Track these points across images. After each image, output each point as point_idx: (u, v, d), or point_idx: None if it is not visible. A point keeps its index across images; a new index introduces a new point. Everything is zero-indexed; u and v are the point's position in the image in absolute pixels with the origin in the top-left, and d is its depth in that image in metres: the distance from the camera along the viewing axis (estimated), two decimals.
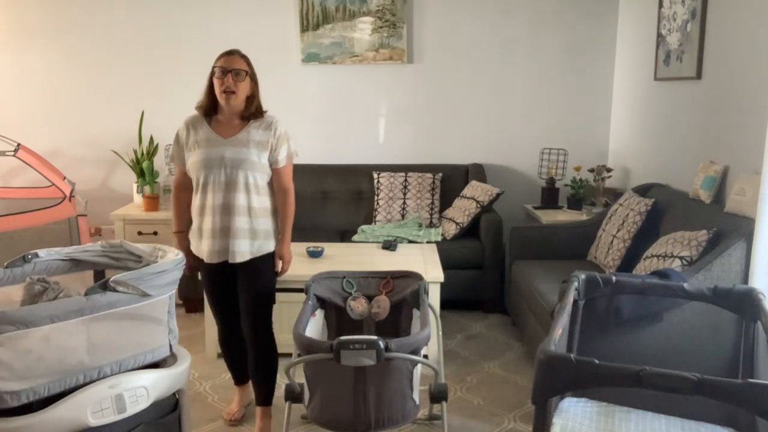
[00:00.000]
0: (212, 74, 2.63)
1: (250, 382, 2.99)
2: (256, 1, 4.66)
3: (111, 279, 1.92)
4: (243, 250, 2.62)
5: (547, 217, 4.27)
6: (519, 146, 4.82)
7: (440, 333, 2.90)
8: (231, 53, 2.62)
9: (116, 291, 1.92)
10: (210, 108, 2.66)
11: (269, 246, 2.69)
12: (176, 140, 2.70)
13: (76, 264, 2.27)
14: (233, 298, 2.77)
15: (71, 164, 4.82)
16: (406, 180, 4.52)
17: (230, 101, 2.57)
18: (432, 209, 4.48)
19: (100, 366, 1.91)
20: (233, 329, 2.84)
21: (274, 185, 2.69)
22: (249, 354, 2.78)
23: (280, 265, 2.76)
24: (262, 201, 2.65)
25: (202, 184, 2.59)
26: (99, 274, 2.32)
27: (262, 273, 2.70)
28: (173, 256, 2.11)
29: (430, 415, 2.90)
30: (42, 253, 2.18)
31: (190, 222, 2.72)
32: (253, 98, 2.64)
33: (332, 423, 2.12)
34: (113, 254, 2.28)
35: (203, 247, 2.64)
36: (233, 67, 2.56)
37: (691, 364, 2.53)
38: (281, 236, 2.73)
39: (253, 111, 2.63)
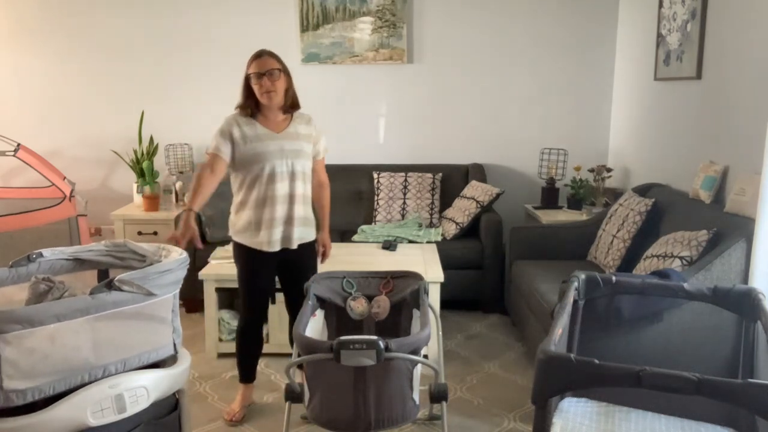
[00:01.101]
0: (247, 79, 2.73)
1: (254, 383, 3.01)
2: (256, 1, 4.66)
3: (116, 278, 1.93)
4: (301, 237, 2.82)
5: (547, 217, 4.27)
6: (519, 146, 4.82)
7: (440, 333, 2.90)
8: (260, 55, 2.72)
9: (121, 290, 1.93)
10: (253, 108, 2.76)
11: (314, 233, 2.92)
12: (221, 134, 2.73)
13: (80, 263, 2.28)
14: (270, 288, 2.91)
15: (71, 164, 4.82)
16: (406, 180, 4.52)
17: (272, 100, 2.71)
18: (432, 209, 4.48)
19: (105, 365, 1.92)
20: (258, 322, 2.91)
21: (314, 176, 2.92)
22: None
23: (321, 251, 2.96)
24: (310, 190, 2.88)
25: (268, 175, 2.71)
26: (103, 274, 2.33)
27: (312, 258, 2.93)
28: (177, 256, 2.12)
29: (430, 415, 2.90)
30: (46, 252, 2.19)
31: (203, 203, 2.76)
32: (289, 90, 2.78)
33: (332, 423, 2.12)
34: (117, 254, 2.29)
35: (262, 238, 2.74)
36: (267, 68, 2.68)
37: (691, 364, 2.53)
38: (322, 224, 2.97)
39: (291, 103, 2.80)
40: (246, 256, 2.80)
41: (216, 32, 4.70)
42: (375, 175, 4.60)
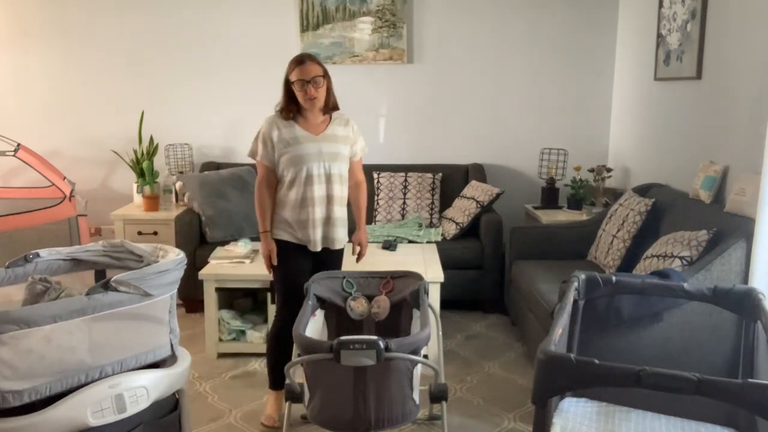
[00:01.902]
0: (287, 83, 2.73)
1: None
2: (256, 1, 4.66)
3: (113, 279, 1.92)
4: (341, 238, 2.87)
5: (547, 217, 4.27)
6: (519, 146, 4.82)
7: (440, 333, 2.90)
8: (302, 61, 2.69)
9: (118, 291, 1.93)
10: (295, 112, 2.77)
11: (347, 234, 2.93)
12: (262, 139, 2.76)
13: (77, 264, 2.28)
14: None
15: (71, 164, 4.82)
16: (406, 180, 4.52)
17: (316, 105, 2.74)
18: (432, 209, 4.48)
19: (102, 366, 1.91)
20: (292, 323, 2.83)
21: (351, 177, 2.92)
22: None
23: (358, 250, 3.00)
24: (346, 192, 2.90)
25: (305, 177, 2.73)
26: (100, 274, 2.32)
27: (341, 259, 2.96)
28: (174, 256, 2.11)
29: (430, 415, 2.90)
30: (43, 252, 2.19)
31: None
32: (330, 92, 2.79)
33: (332, 423, 2.12)
34: (114, 254, 2.28)
35: (304, 237, 2.78)
36: (311, 76, 2.67)
37: (691, 364, 2.52)
38: (359, 223, 3.00)
39: (331, 105, 2.82)
40: (287, 251, 2.80)
41: (216, 32, 4.70)
42: (375, 175, 4.60)
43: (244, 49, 4.71)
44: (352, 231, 3.00)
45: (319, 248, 2.80)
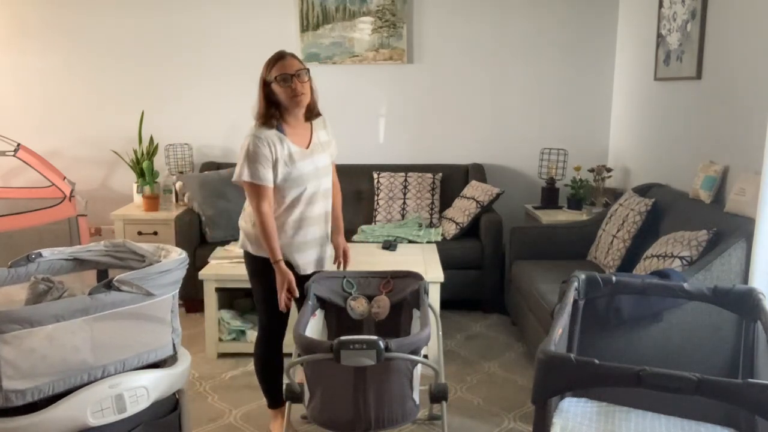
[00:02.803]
0: (266, 84, 2.45)
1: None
2: (256, 1, 4.66)
3: (115, 278, 1.93)
4: (330, 256, 2.71)
5: (547, 217, 4.27)
6: (519, 146, 4.82)
7: (440, 333, 2.90)
8: (283, 57, 2.46)
9: (120, 290, 1.94)
10: (278, 119, 2.47)
11: None
12: (261, 159, 2.41)
13: (79, 263, 2.29)
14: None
15: (71, 164, 4.82)
16: (406, 180, 4.52)
17: (302, 103, 2.47)
18: (432, 209, 4.48)
19: (104, 365, 1.92)
20: (281, 339, 2.70)
21: None
22: None
23: (341, 254, 2.82)
24: None
25: (308, 196, 2.52)
26: (102, 274, 2.33)
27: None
28: (176, 256, 2.12)
29: (430, 415, 2.90)
30: (46, 252, 2.19)
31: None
32: (312, 93, 2.56)
33: (332, 423, 2.12)
34: (116, 254, 2.29)
35: (301, 259, 2.59)
36: (295, 70, 2.42)
37: (691, 364, 2.53)
38: (338, 229, 2.79)
39: (314, 108, 2.58)
40: (272, 271, 2.52)
41: (216, 32, 4.70)
42: (375, 175, 4.60)
43: (244, 49, 4.71)
44: None
45: (310, 271, 2.63)
